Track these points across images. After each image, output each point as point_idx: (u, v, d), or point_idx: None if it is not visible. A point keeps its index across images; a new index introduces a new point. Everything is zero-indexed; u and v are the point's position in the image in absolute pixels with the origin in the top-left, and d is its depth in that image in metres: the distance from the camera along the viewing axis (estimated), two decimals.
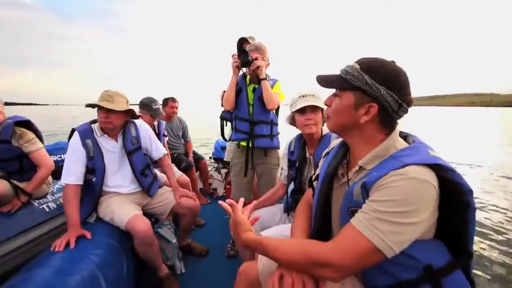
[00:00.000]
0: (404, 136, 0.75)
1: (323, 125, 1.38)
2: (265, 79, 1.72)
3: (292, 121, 1.43)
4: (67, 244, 1.27)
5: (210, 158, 3.98)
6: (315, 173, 1.37)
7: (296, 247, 0.69)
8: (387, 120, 0.70)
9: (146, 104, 2.43)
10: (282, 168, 1.56)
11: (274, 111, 1.87)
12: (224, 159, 3.13)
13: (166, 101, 2.88)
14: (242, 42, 2.10)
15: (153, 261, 1.56)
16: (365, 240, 0.60)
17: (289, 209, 1.48)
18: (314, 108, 1.32)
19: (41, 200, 1.85)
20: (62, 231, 1.81)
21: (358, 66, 0.69)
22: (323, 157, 0.93)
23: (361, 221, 0.62)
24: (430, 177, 0.59)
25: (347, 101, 0.71)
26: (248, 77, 1.86)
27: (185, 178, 2.44)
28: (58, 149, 2.96)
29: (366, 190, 0.65)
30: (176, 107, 2.95)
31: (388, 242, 0.58)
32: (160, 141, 2.58)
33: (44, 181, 1.86)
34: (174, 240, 1.79)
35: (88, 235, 1.35)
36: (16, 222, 1.61)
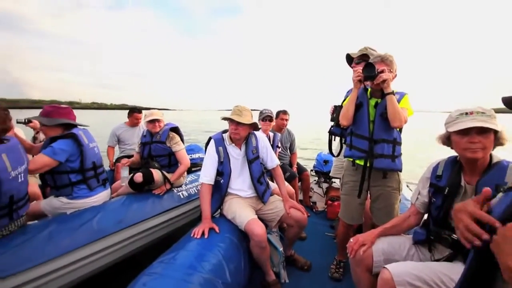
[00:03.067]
0: None
1: (493, 149, 1.12)
2: (392, 93, 1.57)
3: (447, 141, 1.22)
4: (202, 233, 1.53)
5: (311, 170, 3.95)
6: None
7: None
8: None
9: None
10: (419, 193, 1.35)
11: (398, 128, 1.68)
12: (330, 174, 3.04)
13: (277, 114, 3.08)
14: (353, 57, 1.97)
15: (264, 264, 1.67)
16: None
17: (421, 242, 1.28)
18: (482, 129, 1.08)
19: (178, 189, 2.41)
20: (190, 215, 2.34)
21: None
22: (504, 192, 0.73)
23: None
24: None
25: None
26: (369, 90, 1.74)
27: (290, 189, 2.51)
28: (189, 150, 3.73)
29: None
30: (287, 120, 3.10)
31: None
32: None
33: (182, 174, 2.42)
34: (281, 248, 1.85)
35: (217, 229, 1.59)
36: (163, 203, 2.17)
